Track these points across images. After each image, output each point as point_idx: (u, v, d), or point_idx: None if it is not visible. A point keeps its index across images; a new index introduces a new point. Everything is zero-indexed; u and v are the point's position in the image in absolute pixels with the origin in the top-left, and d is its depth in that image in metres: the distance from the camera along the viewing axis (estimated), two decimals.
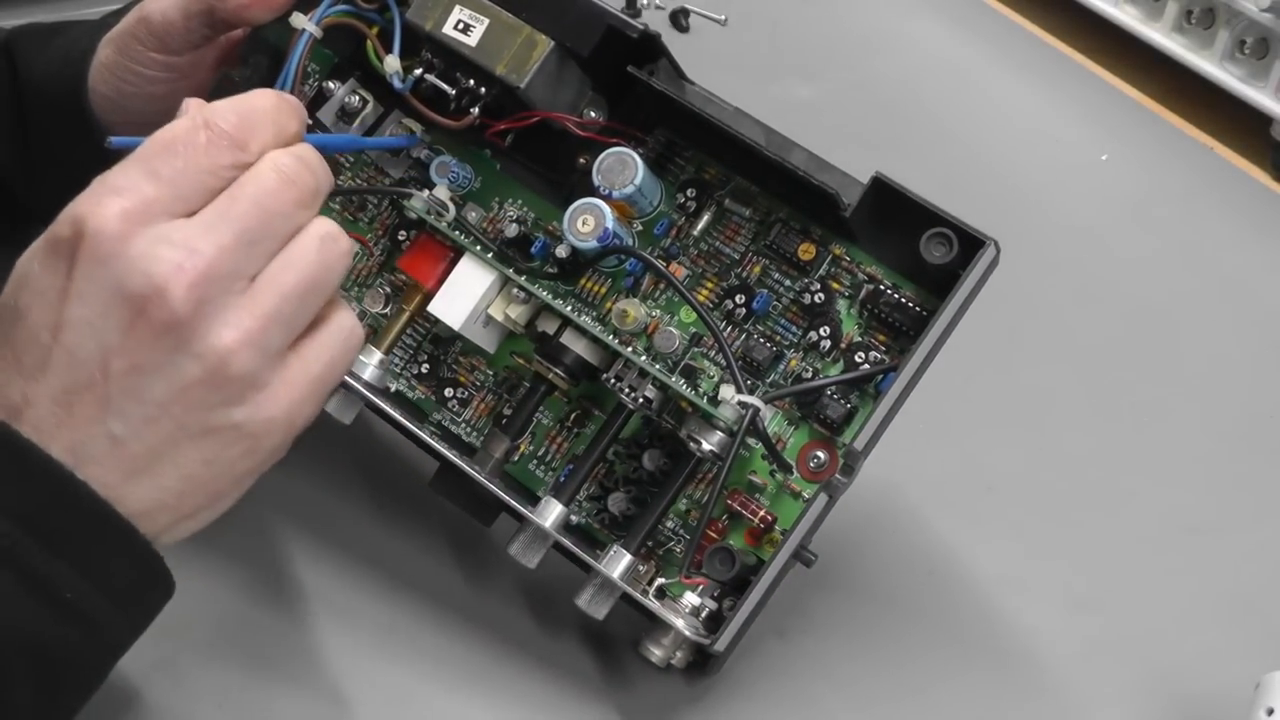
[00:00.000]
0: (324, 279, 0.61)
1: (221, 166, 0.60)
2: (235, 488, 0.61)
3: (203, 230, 0.58)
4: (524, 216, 0.75)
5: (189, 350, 0.57)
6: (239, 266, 0.59)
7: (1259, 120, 1.08)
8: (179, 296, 0.57)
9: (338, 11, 0.73)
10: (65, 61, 0.79)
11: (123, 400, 0.57)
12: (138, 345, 0.57)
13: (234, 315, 0.58)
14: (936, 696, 0.73)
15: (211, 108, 0.61)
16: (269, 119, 0.62)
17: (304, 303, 0.61)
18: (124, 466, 0.58)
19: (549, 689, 0.72)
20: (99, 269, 0.57)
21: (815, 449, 0.69)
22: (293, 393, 0.60)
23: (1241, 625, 0.77)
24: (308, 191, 0.61)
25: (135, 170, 0.59)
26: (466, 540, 0.77)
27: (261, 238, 0.59)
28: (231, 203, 0.59)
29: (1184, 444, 0.87)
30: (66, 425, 0.57)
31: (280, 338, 0.60)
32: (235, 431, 0.59)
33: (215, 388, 0.58)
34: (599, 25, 0.70)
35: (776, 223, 0.72)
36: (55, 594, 0.57)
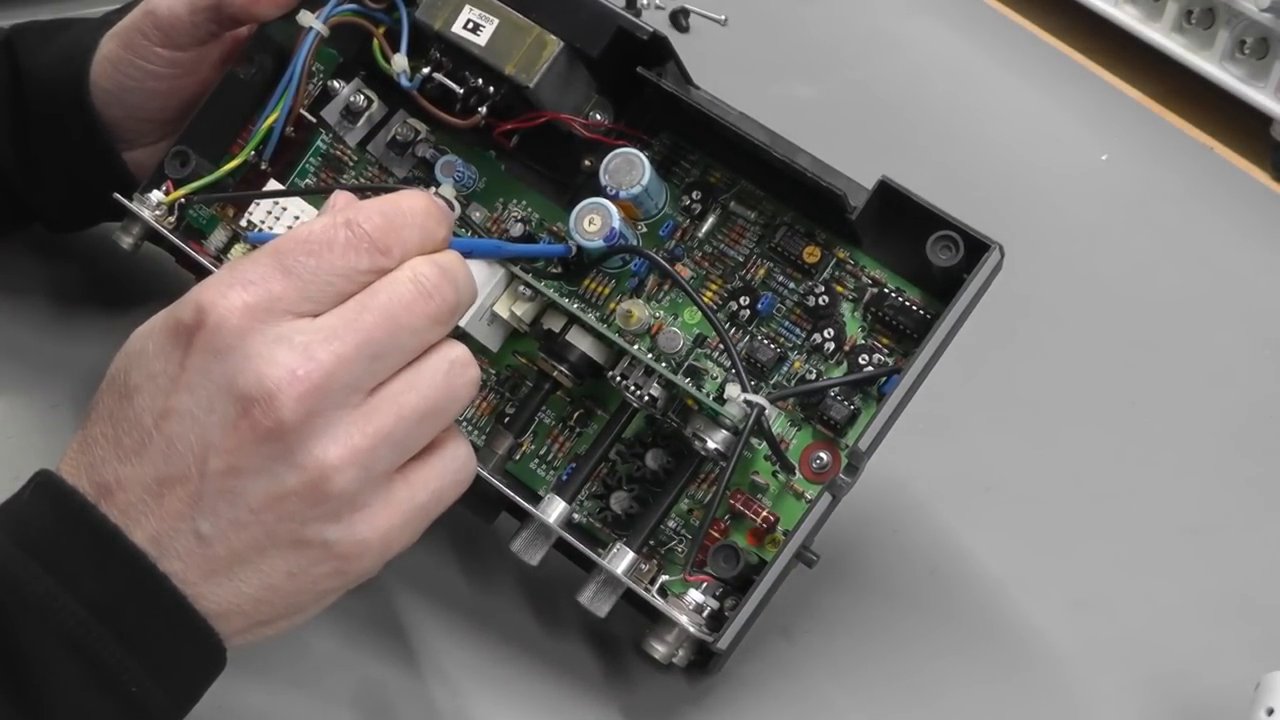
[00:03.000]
0: (446, 407, 0.59)
1: (358, 270, 0.57)
2: (316, 603, 0.59)
3: (325, 336, 0.56)
4: (528, 217, 0.75)
5: (290, 460, 0.55)
6: (357, 380, 0.56)
7: (1259, 120, 1.08)
8: (289, 404, 0.55)
9: (345, 10, 0.73)
10: (67, 57, 0.79)
11: (215, 500, 0.55)
12: (238, 447, 0.55)
13: (343, 431, 0.56)
14: (937, 695, 0.73)
15: (357, 206, 0.59)
16: (417, 223, 0.59)
17: (420, 428, 0.58)
18: (206, 566, 0.56)
19: (550, 688, 0.72)
20: (213, 362, 0.55)
21: (818, 450, 0.70)
22: (393, 519, 0.58)
23: (1241, 625, 0.77)
24: (446, 307, 0.59)
25: (266, 263, 0.57)
26: (468, 539, 0.77)
27: (386, 352, 0.57)
28: (361, 311, 0.57)
29: (1184, 444, 0.87)
30: (154, 515, 0.56)
31: (389, 459, 0.58)
32: (326, 549, 0.57)
33: (312, 502, 0.56)
34: (609, 27, 0.70)
35: (781, 226, 0.72)
36: (121, 688, 0.55)
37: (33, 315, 0.86)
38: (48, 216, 0.85)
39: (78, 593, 0.55)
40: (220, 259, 0.78)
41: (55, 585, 0.54)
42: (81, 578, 0.55)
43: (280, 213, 0.77)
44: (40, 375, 0.83)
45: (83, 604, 0.55)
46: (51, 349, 0.85)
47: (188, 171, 0.77)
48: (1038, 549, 0.80)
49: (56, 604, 0.54)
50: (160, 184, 0.77)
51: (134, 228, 0.78)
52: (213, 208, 0.78)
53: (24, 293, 0.87)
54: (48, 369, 0.83)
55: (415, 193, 0.61)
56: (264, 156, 0.77)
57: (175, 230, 0.77)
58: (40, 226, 0.86)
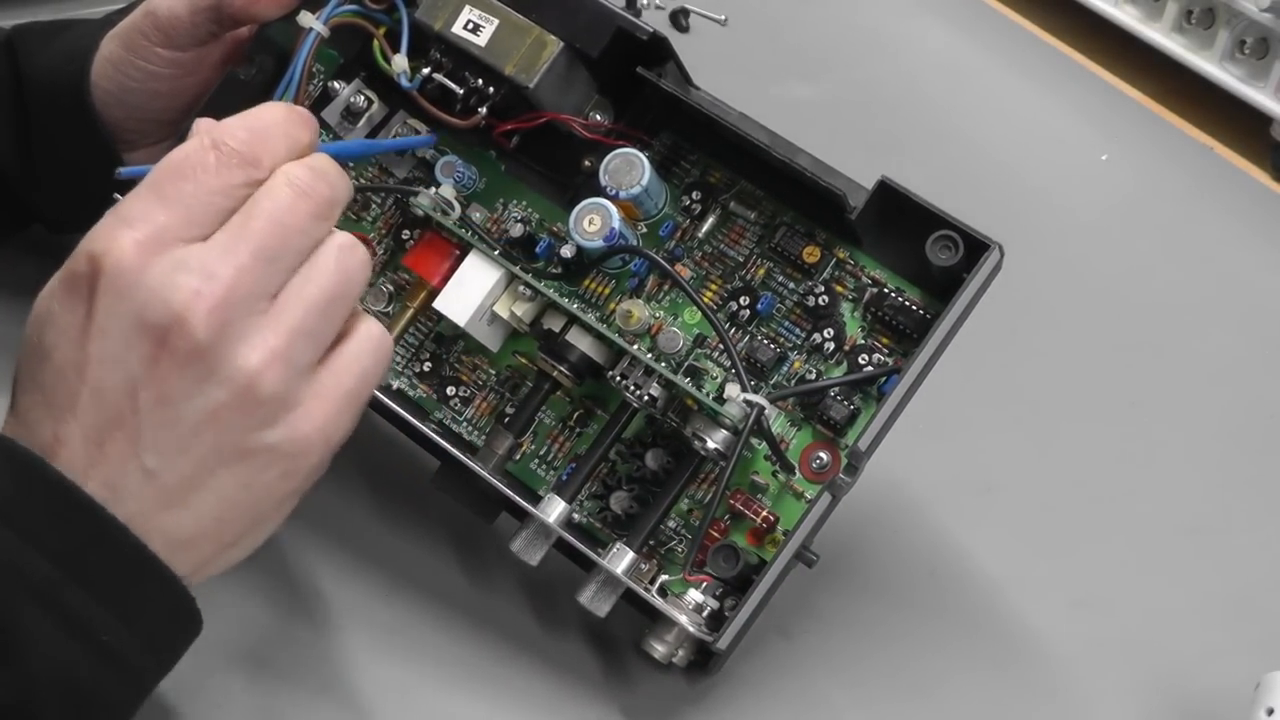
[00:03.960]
0: (346, 289, 0.60)
1: (233, 185, 0.59)
2: (276, 511, 0.60)
3: (219, 253, 0.57)
4: (528, 217, 0.75)
5: (216, 376, 0.56)
6: (259, 286, 0.57)
7: (1259, 120, 1.09)
8: (200, 323, 0.56)
9: (346, 11, 0.73)
10: (68, 57, 0.79)
11: (154, 433, 0.56)
12: (164, 376, 0.56)
13: (258, 336, 0.57)
14: (937, 695, 0.73)
15: (220, 126, 0.60)
16: (280, 132, 0.60)
17: (328, 315, 0.59)
18: (161, 499, 0.57)
19: (550, 687, 0.72)
20: (118, 302, 0.56)
21: (818, 450, 0.70)
22: (326, 408, 0.59)
23: (1241, 625, 0.77)
24: (324, 203, 0.60)
25: (146, 198, 0.58)
26: (468, 539, 0.77)
27: (280, 254, 0.58)
28: (246, 221, 0.58)
29: (1184, 444, 0.87)
30: (100, 462, 0.56)
31: (308, 353, 0.59)
32: (271, 453, 0.58)
33: (246, 411, 0.57)
34: (608, 27, 0.70)
35: (781, 226, 0.72)
36: (94, 637, 0.56)
37: None
38: (48, 218, 0.85)
39: (42, 547, 0.55)
40: None
41: (19, 542, 0.55)
42: (43, 533, 0.56)
43: None
44: None
45: (47, 558, 0.55)
46: None
47: None
48: (1037, 549, 0.80)
49: (22, 560, 0.55)
50: None
51: None
52: None
53: (24, 292, 0.87)
54: None
55: (274, 104, 0.62)
56: None
57: None
58: (40, 228, 0.86)
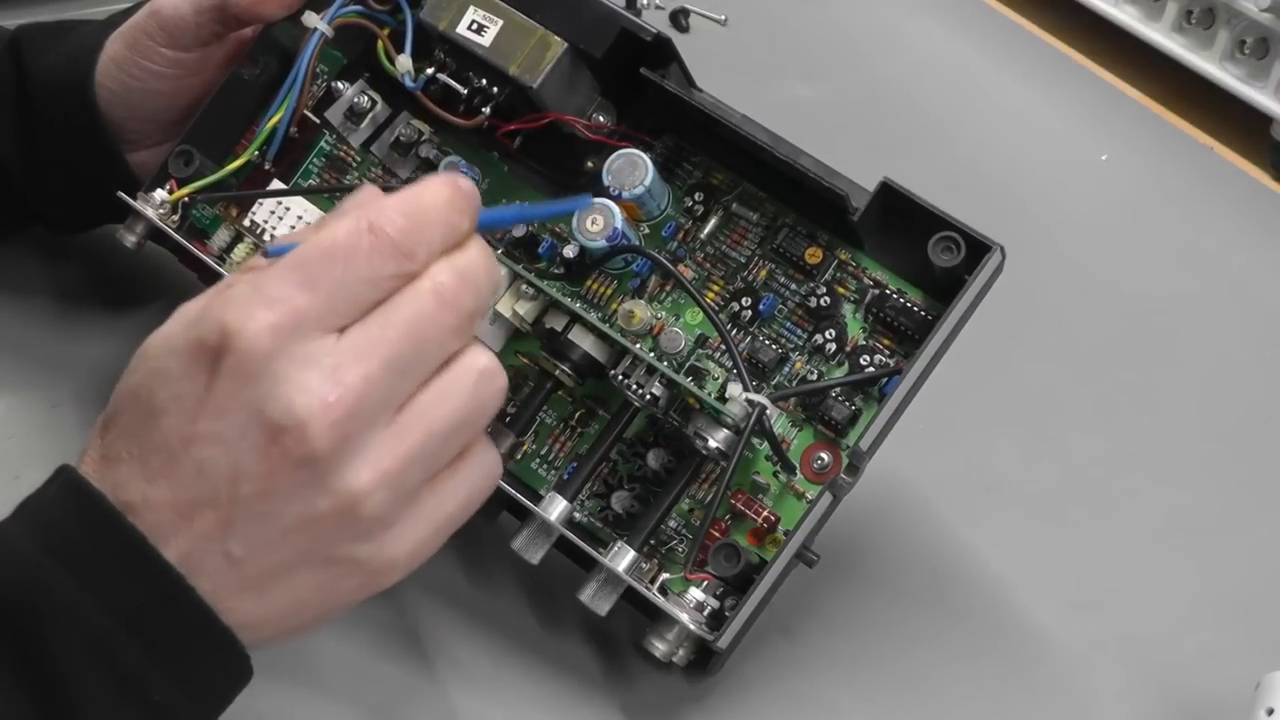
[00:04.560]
0: (475, 418, 0.58)
1: (383, 278, 0.56)
2: (343, 611, 0.59)
3: (353, 357, 0.55)
4: None
5: (322, 487, 0.55)
6: (386, 398, 0.55)
7: (1259, 120, 1.08)
8: (320, 432, 0.54)
9: (350, 12, 0.73)
10: (72, 57, 0.79)
11: (246, 524, 0.55)
12: (270, 473, 0.54)
13: (374, 455, 0.55)
14: (937, 694, 0.73)
15: (380, 206, 0.56)
16: (440, 218, 0.57)
17: (449, 442, 0.57)
18: (235, 584, 0.55)
19: (551, 687, 0.72)
20: (242, 387, 0.54)
21: (819, 450, 0.70)
22: (421, 533, 0.58)
23: (1241, 625, 0.77)
24: (466, 316, 0.57)
25: (290, 279, 0.55)
26: (468, 538, 0.76)
27: (412, 367, 0.56)
28: (385, 328, 0.55)
29: (1184, 444, 0.87)
30: (183, 534, 0.55)
31: (419, 478, 0.57)
32: (355, 565, 0.57)
33: (344, 525, 0.55)
34: (612, 28, 0.70)
35: (783, 227, 0.72)
36: (147, 698, 0.55)
37: (34, 314, 0.86)
38: (50, 218, 0.85)
39: (105, 602, 0.54)
40: (223, 258, 0.78)
41: (82, 594, 0.54)
42: (108, 586, 0.54)
43: (284, 212, 0.77)
44: (42, 374, 0.83)
45: (109, 613, 0.54)
46: (53, 348, 0.85)
47: (191, 171, 0.77)
48: (1038, 549, 0.80)
49: (83, 612, 0.54)
50: (164, 183, 0.77)
51: (137, 226, 0.78)
52: (216, 207, 0.79)
53: (26, 291, 0.87)
54: (49, 368, 0.83)
55: (437, 184, 0.58)
56: (268, 157, 0.78)
57: (179, 229, 0.77)
58: (42, 228, 0.86)
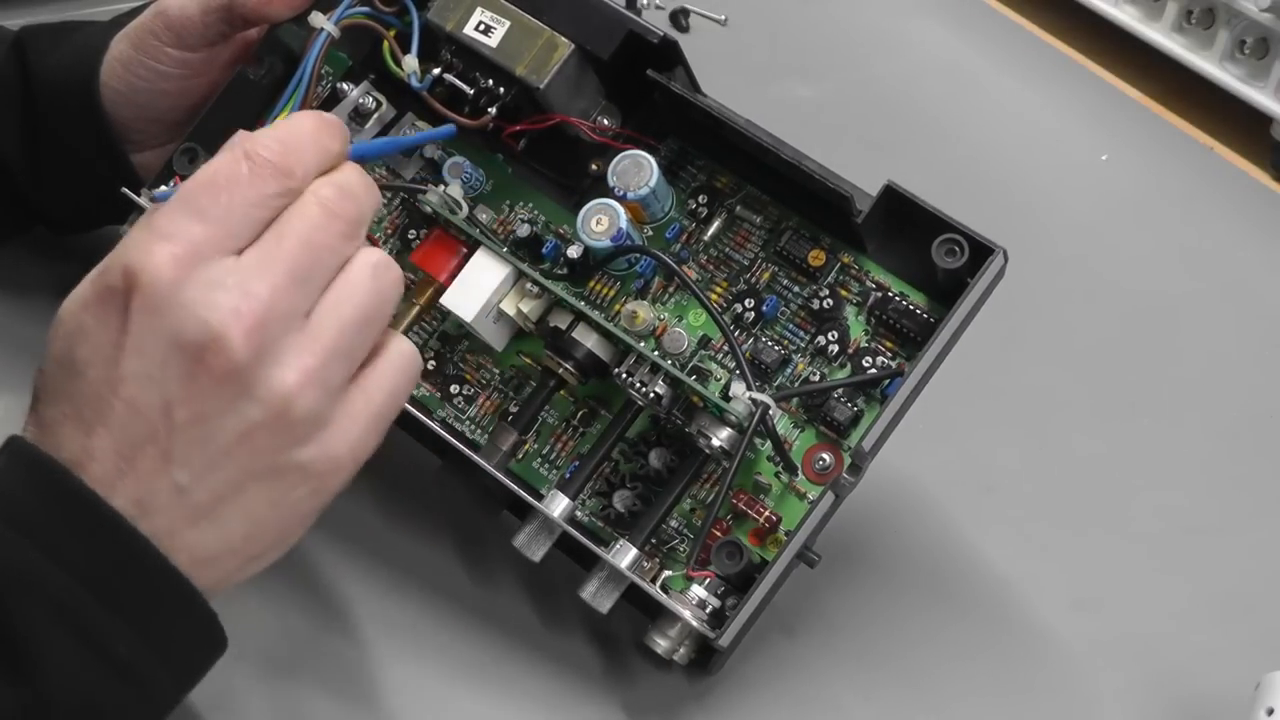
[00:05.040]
0: (379, 309, 0.60)
1: (268, 196, 0.58)
2: (300, 526, 0.60)
3: (254, 271, 0.57)
4: (535, 219, 0.75)
5: (251, 395, 0.56)
6: (294, 305, 0.58)
7: (1259, 120, 1.08)
8: (238, 343, 0.56)
9: (357, 13, 0.73)
10: (77, 57, 0.79)
11: (186, 450, 0.56)
12: (199, 394, 0.56)
13: (294, 356, 0.57)
14: (938, 694, 0.74)
15: (252, 137, 0.60)
16: (311, 141, 0.60)
17: (362, 334, 0.60)
18: (189, 515, 0.57)
19: (552, 685, 0.72)
20: (154, 319, 0.56)
21: (821, 451, 0.70)
22: (356, 427, 0.59)
23: (1241, 625, 0.78)
24: (352, 221, 0.60)
25: (181, 212, 0.58)
26: (470, 536, 0.77)
27: (312, 274, 0.58)
28: (279, 241, 0.58)
29: (1184, 444, 0.87)
30: (129, 477, 0.56)
31: (341, 373, 0.59)
32: (301, 472, 0.58)
33: (280, 430, 0.57)
34: (620, 30, 0.71)
35: (787, 230, 0.72)
36: (112, 652, 0.56)
37: (35, 313, 0.85)
38: (53, 218, 0.85)
39: (62, 561, 0.55)
40: None
41: (39, 555, 0.55)
42: (64, 546, 0.56)
43: None
44: None
45: (67, 572, 0.55)
46: None
47: (196, 169, 0.77)
48: (1038, 549, 0.80)
49: (42, 573, 0.55)
50: (168, 180, 0.77)
51: None
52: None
53: (27, 291, 0.87)
54: None
55: (305, 114, 0.62)
56: None
57: None
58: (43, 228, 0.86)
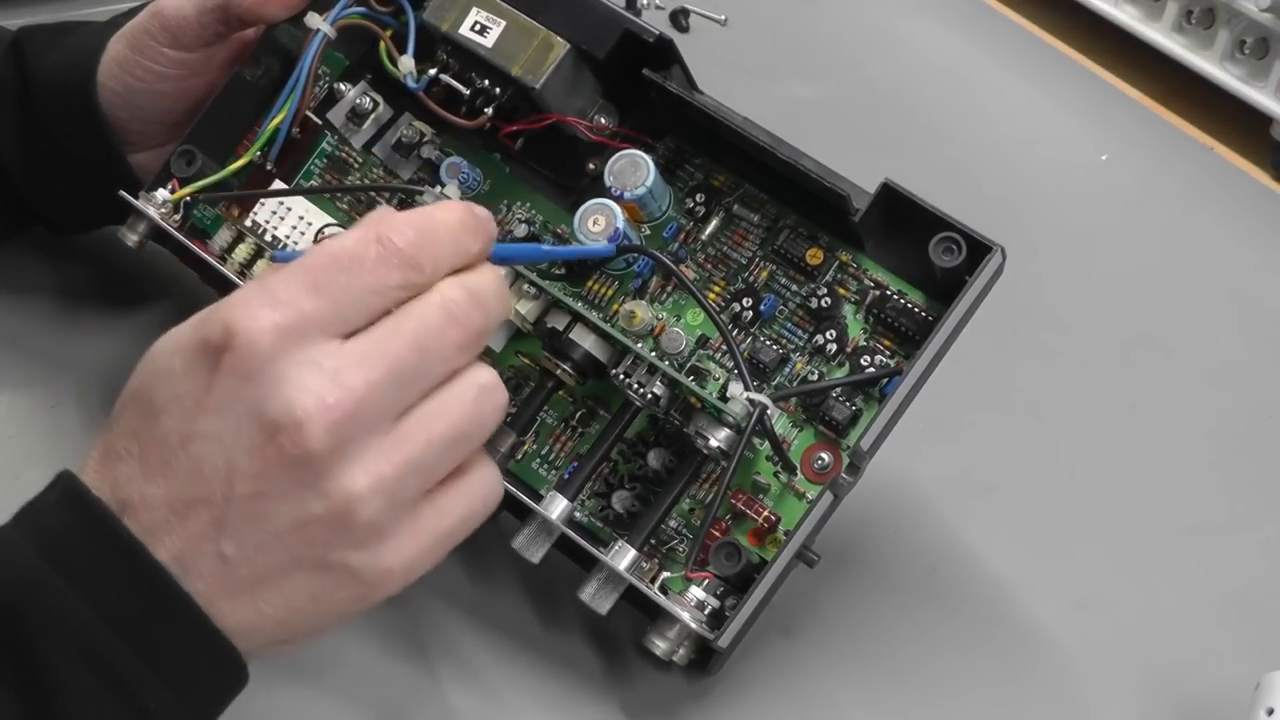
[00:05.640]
0: (475, 433, 0.58)
1: (389, 286, 0.56)
2: (337, 625, 0.58)
3: (355, 362, 0.55)
4: (532, 219, 0.75)
5: (317, 489, 0.54)
6: (386, 407, 0.55)
7: (1259, 120, 1.08)
8: (317, 433, 0.53)
9: (353, 13, 0.73)
10: (75, 58, 0.79)
11: (240, 523, 0.54)
12: (265, 472, 0.54)
13: (371, 460, 0.55)
14: (938, 695, 0.73)
15: (389, 221, 0.57)
16: (450, 237, 0.58)
17: (448, 455, 0.57)
18: (228, 586, 0.55)
19: (551, 685, 0.72)
20: (242, 385, 0.54)
21: (820, 451, 0.70)
22: (418, 546, 0.57)
23: (1241, 625, 0.78)
24: (473, 333, 0.57)
25: (297, 282, 0.55)
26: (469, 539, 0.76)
27: (415, 379, 0.56)
28: (391, 336, 0.55)
29: (1184, 444, 0.87)
30: (176, 533, 0.55)
31: (416, 489, 0.56)
32: (350, 575, 0.56)
33: (338, 530, 0.55)
34: (615, 29, 0.71)
35: (784, 229, 0.72)
36: (139, 703, 0.54)
37: (36, 313, 0.86)
38: (51, 219, 0.85)
39: (98, 606, 0.54)
40: (224, 258, 0.78)
41: (76, 598, 0.54)
42: (103, 592, 0.54)
43: (285, 213, 0.77)
44: (43, 373, 0.83)
45: (103, 618, 0.54)
46: (54, 347, 0.85)
47: (194, 170, 0.77)
48: (1038, 549, 0.80)
49: (77, 617, 0.54)
50: (166, 183, 0.78)
51: (139, 225, 0.78)
52: (218, 207, 0.79)
53: (27, 290, 0.87)
54: (50, 367, 0.83)
55: (451, 205, 0.59)
56: (270, 157, 0.78)
57: (180, 229, 0.78)
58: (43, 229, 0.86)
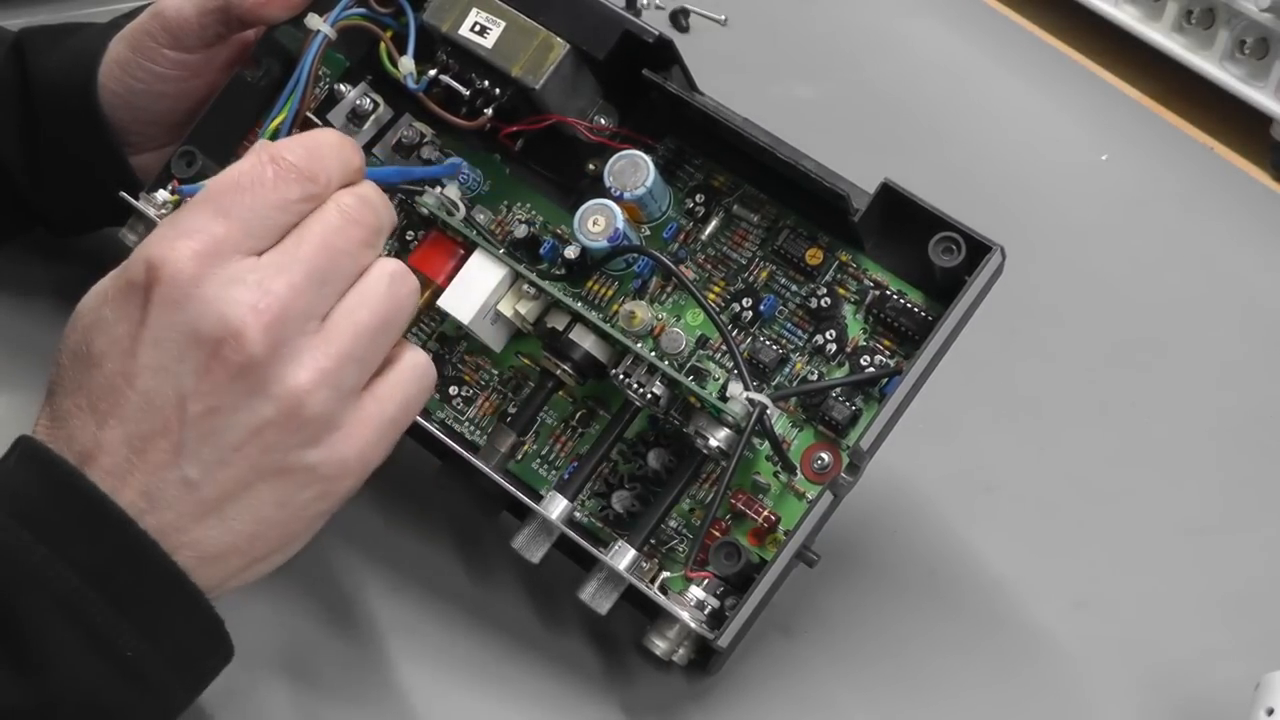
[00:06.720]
0: (395, 317, 0.61)
1: (291, 200, 0.60)
2: (307, 530, 0.61)
3: (274, 270, 0.58)
4: (532, 219, 0.75)
5: (265, 392, 0.57)
6: (311, 306, 0.58)
7: (1259, 120, 1.08)
8: (255, 338, 0.57)
9: (353, 14, 0.73)
10: (76, 59, 0.79)
11: (197, 444, 0.57)
12: (213, 388, 0.57)
13: (308, 356, 0.58)
14: (938, 695, 0.73)
15: (277, 144, 0.61)
16: (334, 153, 0.62)
17: (376, 341, 0.60)
18: (196, 510, 0.57)
19: (551, 685, 0.72)
20: (173, 313, 0.57)
21: (820, 451, 0.70)
22: (366, 433, 0.60)
23: (1241, 625, 0.78)
24: (371, 230, 0.61)
25: (205, 210, 0.59)
26: (469, 538, 0.77)
27: (330, 277, 0.59)
28: (299, 243, 0.59)
29: (1184, 444, 0.87)
30: (139, 470, 0.57)
31: (354, 377, 0.60)
32: (309, 473, 0.59)
33: (291, 429, 0.58)
34: (615, 30, 0.71)
35: (784, 229, 0.72)
36: (117, 653, 0.56)
37: (36, 313, 0.86)
38: (52, 220, 0.85)
39: (69, 560, 0.56)
40: None
41: (48, 553, 0.56)
42: (72, 545, 0.56)
43: None
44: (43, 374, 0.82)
45: (75, 570, 0.56)
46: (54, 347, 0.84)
47: (194, 171, 0.77)
48: (1038, 549, 0.80)
49: (50, 572, 0.55)
50: (166, 183, 0.77)
51: (139, 226, 0.78)
52: None
53: (27, 290, 0.87)
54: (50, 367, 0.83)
55: (327, 129, 0.64)
56: None
57: None
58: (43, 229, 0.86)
